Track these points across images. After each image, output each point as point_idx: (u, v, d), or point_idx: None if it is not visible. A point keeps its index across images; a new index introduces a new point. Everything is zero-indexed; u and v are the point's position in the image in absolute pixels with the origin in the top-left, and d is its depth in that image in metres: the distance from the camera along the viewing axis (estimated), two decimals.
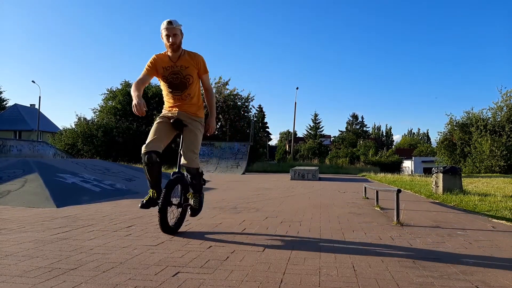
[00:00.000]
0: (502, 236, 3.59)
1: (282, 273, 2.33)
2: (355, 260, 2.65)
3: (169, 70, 3.35)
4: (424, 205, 6.16)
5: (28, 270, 2.32)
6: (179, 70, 3.34)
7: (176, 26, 3.22)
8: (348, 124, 74.64)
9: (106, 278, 2.19)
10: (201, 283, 2.12)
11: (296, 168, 15.00)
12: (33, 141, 18.69)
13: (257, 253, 2.84)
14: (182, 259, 2.64)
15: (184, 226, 3.96)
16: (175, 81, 3.37)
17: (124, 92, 34.24)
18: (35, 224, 3.97)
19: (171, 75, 3.35)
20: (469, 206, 5.83)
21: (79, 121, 31.75)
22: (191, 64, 3.37)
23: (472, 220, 4.58)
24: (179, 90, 3.40)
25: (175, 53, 3.31)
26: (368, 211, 5.28)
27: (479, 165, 25.34)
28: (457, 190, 7.66)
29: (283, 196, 7.57)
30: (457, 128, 28.39)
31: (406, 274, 2.33)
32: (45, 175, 6.98)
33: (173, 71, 3.34)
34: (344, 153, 45.85)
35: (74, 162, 10.03)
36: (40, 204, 5.52)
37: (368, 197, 7.11)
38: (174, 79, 3.36)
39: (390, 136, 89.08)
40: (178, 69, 3.34)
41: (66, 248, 2.92)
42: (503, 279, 2.24)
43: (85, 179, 7.62)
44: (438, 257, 2.76)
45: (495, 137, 25.27)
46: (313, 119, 67.92)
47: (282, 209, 5.48)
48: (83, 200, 6.11)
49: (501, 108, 26.98)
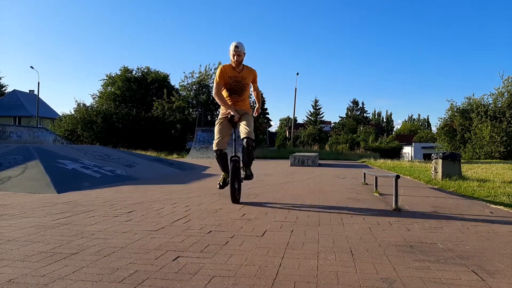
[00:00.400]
0: (500, 222, 3.62)
1: (281, 257, 2.36)
2: (352, 244, 2.68)
3: (233, 79, 4.42)
4: (422, 191, 6.19)
5: (30, 255, 2.35)
6: (240, 79, 4.44)
7: (242, 50, 4.27)
8: (348, 110, 74.57)
9: (107, 262, 2.22)
10: (201, 267, 2.15)
11: (296, 154, 15.02)
12: (33, 127, 18.66)
13: (256, 238, 2.87)
14: (182, 243, 2.67)
15: (184, 211, 4.00)
16: (236, 87, 4.48)
17: (123, 78, 34.06)
18: (36, 210, 4.00)
19: (234, 82, 4.44)
20: (467, 191, 5.86)
21: (79, 107, 31.65)
22: (250, 76, 4.52)
23: (470, 205, 4.61)
24: (237, 94, 4.53)
25: (238, 67, 4.40)
26: (367, 197, 5.32)
27: (479, 151, 25.38)
28: (456, 176, 7.69)
29: (282, 182, 7.60)
30: (457, 114, 28.32)
31: (403, 258, 2.36)
32: (46, 161, 7.00)
33: (236, 80, 4.43)
34: (344, 139, 45.90)
35: (74, 148, 10.04)
36: (41, 190, 5.56)
37: (367, 183, 7.14)
38: (235, 86, 4.47)
39: (390, 122, 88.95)
40: (239, 79, 4.44)
41: (67, 233, 2.96)
42: (499, 263, 2.27)
43: (85, 165, 7.64)
44: (435, 241, 2.79)
45: (495, 123, 25.24)
46: (314, 105, 67.83)
47: (281, 195, 5.51)
48: (83, 186, 6.14)
49: (502, 94, 26.87)
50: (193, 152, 21.98)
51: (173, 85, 35.25)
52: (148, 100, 33.54)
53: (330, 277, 2.02)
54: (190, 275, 2.02)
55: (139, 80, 34.56)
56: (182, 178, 8.33)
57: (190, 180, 7.97)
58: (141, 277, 1.99)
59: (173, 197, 5.08)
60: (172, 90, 32.70)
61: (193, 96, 31.61)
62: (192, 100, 32.00)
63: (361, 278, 2.01)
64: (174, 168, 10.53)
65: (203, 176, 8.91)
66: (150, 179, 7.92)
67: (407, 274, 2.06)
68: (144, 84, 34.39)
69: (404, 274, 2.07)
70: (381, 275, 2.05)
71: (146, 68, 35.76)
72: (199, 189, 6.18)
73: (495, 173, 9.53)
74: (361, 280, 1.98)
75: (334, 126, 69.75)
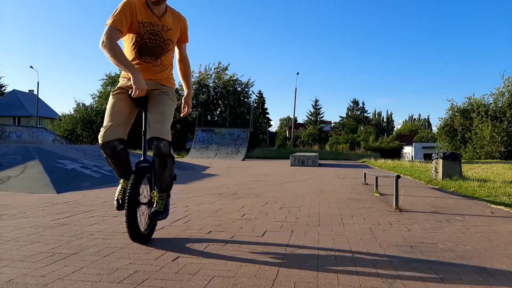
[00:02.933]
0: (500, 222, 3.61)
1: (281, 257, 2.35)
2: (353, 244, 2.67)
3: (147, 27, 2.53)
4: (423, 191, 6.18)
5: (29, 255, 2.34)
6: (159, 30, 2.57)
7: None
8: (348, 110, 74.48)
9: (107, 262, 2.21)
10: (200, 268, 2.14)
11: (296, 154, 15.02)
12: (32, 127, 18.66)
13: (257, 237, 2.86)
14: (182, 244, 2.66)
15: (183, 211, 3.99)
16: (151, 43, 2.58)
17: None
18: (35, 210, 4.00)
19: (149, 34, 2.55)
20: (468, 191, 5.86)
21: (78, 107, 31.65)
22: (176, 27, 2.67)
23: (470, 205, 4.60)
24: (151, 56, 2.62)
25: (160, 5, 2.53)
26: (367, 197, 5.31)
27: (480, 151, 25.35)
28: (456, 176, 7.68)
29: (282, 182, 7.59)
30: (458, 114, 28.30)
31: (404, 258, 2.35)
32: (45, 161, 6.99)
33: (153, 29, 2.55)
34: (344, 139, 45.91)
35: (73, 148, 10.04)
36: (40, 190, 5.55)
37: (367, 183, 7.13)
38: (150, 40, 2.57)
39: (391, 122, 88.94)
40: (159, 29, 2.57)
41: (67, 233, 2.95)
42: (500, 264, 2.26)
43: (85, 165, 7.63)
44: (435, 242, 2.78)
45: (496, 123, 25.22)
46: (314, 105, 67.74)
47: (281, 195, 5.51)
48: (83, 186, 6.13)
49: (503, 93, 26.84)
50: (193, 152, 22.01)
51: None
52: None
53: (330, 277, 2.01)
54: (190, 276, 2.01)
55: None
56: (181, 178, 8.32)
57: (190, 180, 7.96)
58: (140, 277, 1.98)
59: (172, 197, 5.06)
60: None
61: (192, 95, 31.60)
62: (191, 100, 32.01)
63: (361, 278, 2.00)
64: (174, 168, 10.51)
65: (203, 176, 8.91)
66: None
67: (407, 275, 2.06)
68: None
69: (404, 274, 2.06)
70: (382, 276, 2.04)
71: None
72: (199, 189, 6.18)
73: (495, 173, 9.52)
74: (361, 280, 1.97)
75: (335, 126, 69.72)
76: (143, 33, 2.53)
